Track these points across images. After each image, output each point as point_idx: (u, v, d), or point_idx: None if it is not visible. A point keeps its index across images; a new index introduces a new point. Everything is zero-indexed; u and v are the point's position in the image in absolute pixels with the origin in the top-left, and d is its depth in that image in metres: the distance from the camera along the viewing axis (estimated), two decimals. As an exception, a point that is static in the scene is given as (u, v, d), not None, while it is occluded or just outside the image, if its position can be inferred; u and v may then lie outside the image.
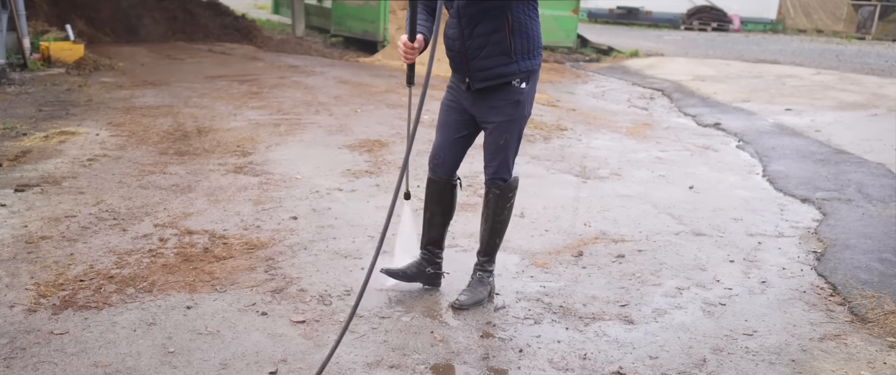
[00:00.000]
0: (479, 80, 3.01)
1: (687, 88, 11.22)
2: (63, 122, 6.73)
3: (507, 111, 3.06)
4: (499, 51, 2.95)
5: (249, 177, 5.15)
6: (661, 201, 4.97)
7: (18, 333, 2.86)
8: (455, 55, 3.05)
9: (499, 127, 3.08)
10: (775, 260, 3.97)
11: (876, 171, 6.00)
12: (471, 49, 2.97)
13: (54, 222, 4.09)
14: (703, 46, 18.89)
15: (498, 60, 2.96)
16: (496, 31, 2.92)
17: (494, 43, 2.94)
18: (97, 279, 3.38)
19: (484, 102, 3.07)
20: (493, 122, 3.08)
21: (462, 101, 3.14)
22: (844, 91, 10.94)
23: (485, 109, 3.08)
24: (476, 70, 2.99)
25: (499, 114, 3.06)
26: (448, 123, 3.19)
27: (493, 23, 2.91)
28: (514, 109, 3.07)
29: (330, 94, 9.02)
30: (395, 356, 2.81)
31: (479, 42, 2.95)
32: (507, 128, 3.09)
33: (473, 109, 3.12)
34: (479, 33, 2.94)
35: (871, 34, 24.57)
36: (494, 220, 3.24)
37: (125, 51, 13.01)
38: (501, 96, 3.05)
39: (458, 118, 3.17)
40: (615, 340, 3.00)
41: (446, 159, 3.21)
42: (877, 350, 2.97)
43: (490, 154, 3.15)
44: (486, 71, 2.98)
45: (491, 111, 3.07)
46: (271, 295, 3.29)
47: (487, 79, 2.99)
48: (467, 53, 2.98)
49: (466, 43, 2.97)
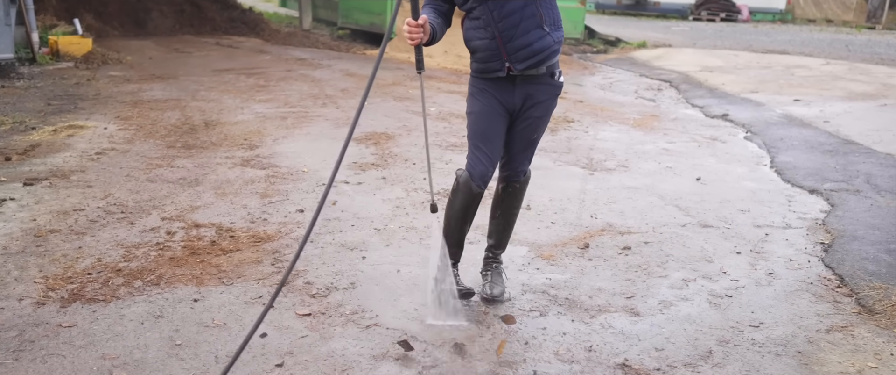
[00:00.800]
0: (520, 60, 2.90)
1: (695, 79, 11.16)
2: (71, 116, 6.76)
3: (547, 105, 3.06)
4: (534, 24, 2.88)
5: (256, 170, 5.16)
6: (668, 193, 4.96)
7: (27, 326, 2.89)
8: (488, 44, 2.91)
9: (537, 122, 3.07)
10: (782, 252, 3.96)
11: (885, 162, 5.96)
12: (506, 29, 2.87)
13: (63, 216, 4.11)
14: (711, 37, 18.79)
15: (535, 35, 2.89)
16: (527, 4, 2.86)
17: (528, 17, 2.86)
18: (105, 273, 3.40)
19: (527, 93, 2.99)
20: (533, 116, 3.04)
21: (503, 101, 2.99)
22: (854, 81, 10.86)
23: (529, 104, 3.01)
24: (515, 50, 2.88)
25: (540, 108, 3.04)
26: (493, 133, 3.02)
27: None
28: (553, 102, 3.08)
29: (337, 86, 9.02)
30: (400, 349, 2.82)
31: (514, 20, 2.86)
32: (543, 122, 3.09)
33: (517, 101, 2.99)
34: (510, 10, 2.85)
35: (882, 24, 24.37)
36: (513, 213, 3.26)
37: (133, 45, 13.04)
38: (544, 90, 3.02)
39: (501, 124, 3.04)
40: (621, 332, 3.00)
41: (492, 171, 3.09)
42: (884, 342, 2.96)
43: (522, 149, 3.11)
44: (526, 48, 2.88)
45: (535, 106, 3.02)
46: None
47: (528, 57, 2.90)
48: (503, 36, 2.88)
49: (499, 24, 2.87)
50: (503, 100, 3.01)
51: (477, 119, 3.03)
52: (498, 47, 2.90)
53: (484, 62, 2.97)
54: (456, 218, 3.15)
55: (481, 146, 3.02)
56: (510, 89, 2.99)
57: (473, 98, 3.05)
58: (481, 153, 3.03)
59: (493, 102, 3.00)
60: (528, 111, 3.03)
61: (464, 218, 3.16)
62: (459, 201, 3.10)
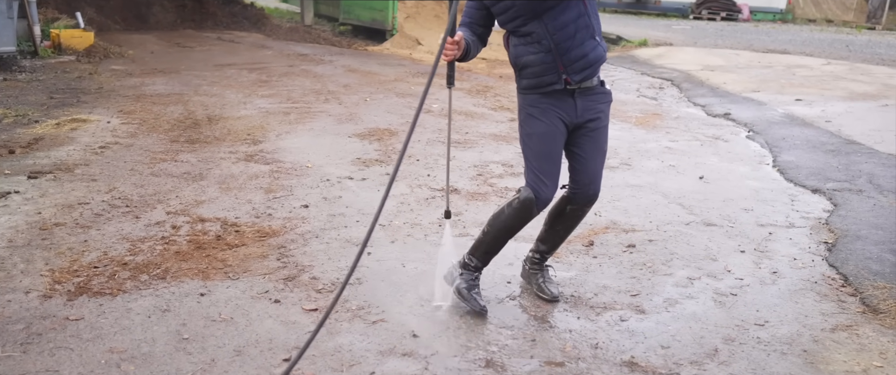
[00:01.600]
0: (577, 71, 2.86)
1: (696, 77, 11.17)
2: (74, 109, 6.76)
3: (607, 113, 3.04)
4: (588, 35, 2.87)
5: (260, 165, 5.17)
6: (672, 191, 4.97)
7: (34, 319, 2.89)
8: (543, 58, 2.85)
9: (604, 131, 3.04)
10: (786, 251, 3.97)
11: (887, 162, 5.97)
12: (562, 42, 2.82)
13: (68, 209, 4.12)
14: (712, 36, 18.79)
15: (590, 45, 2.87)
16: (581, 15, 2.84)
17: (582, 27, 2.85)
18: (111, 266, 3.40)
19: (585, 106, 2.95)
20: (599, 127, 3.00)
21: (564, 118, 2.93)
22: (855, 81, 10.87)
23: (590, 115, 2.97)
24: (572, 61, 2.84)
25: (603, 118, 3.01)
26: (557, 154, 2.97)
27: (574, 9, 2.82)
28: (609, 110, 3.07)
29: (339, 82, 9.02)
30: (407, 344, 2.83)
31: (570, 30, 2.82)
32: (607, 131, 3.07)
33: (577, 117, 2.95)
34: (565, 22, 2.81)
35: (882, 24, 24.37)
36: (574, 228, 3.27)
37: (135, 39, 13.04)
38: (599, 98, 2.99)
39: (562, 143, 2.98)
40: (627, 329, 3.01)
41: (555, 193, 3.05)
42: (889, 341, 2.97)
43: (595, 165, 3.04)
44: (583, 58, 2.85)
45: (597, 116, 2.99)
46: (284, 283, 3.31)
47: (585, 67, 2.86)
48: (559, 48, 2.83)
49: (554, 38, 2.82)
50: (564, 116, 2.94)
51: (541, 140, 2.93)
52: (554, 60, 2.85)
53: (538, 77, 2.89)
54: (504, 232, 3.07)
55: (548, 168, 2.94)
56: (571, 103, 2.93)
57: (533, 118, 2.95)
58: (548, 176, 2.94)
59: (556, 121, 2.93)
60: (592, 123, 2.98)
61: (511, 235, 3.10)
62: (515, 219, 3.01)
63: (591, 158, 3.02)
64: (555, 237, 3.29)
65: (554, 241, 3.31)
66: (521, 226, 3.04)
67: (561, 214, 3.20)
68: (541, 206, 2.97)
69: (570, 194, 3.12)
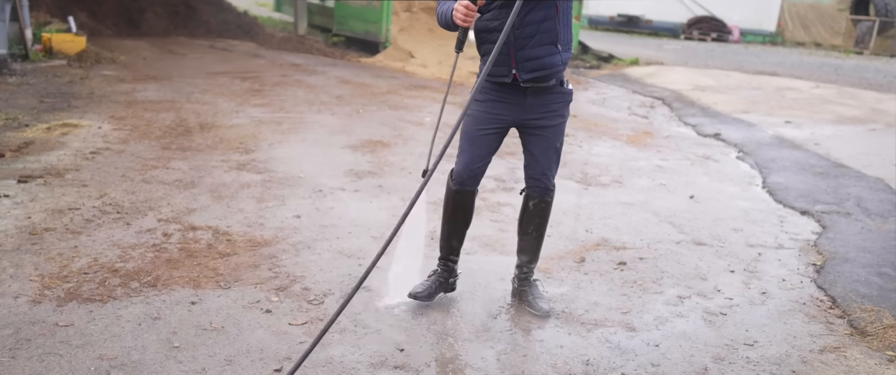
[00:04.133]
0: (527, 70, 2.94)
1: (687, 97, 11.25)
2: (65, 114, 6.73)
3: (562, 112, 3.10)
4: (549, 40, 2.92)
5: (252, 174, 5.16)
6: (662, 210, 5.00)
7: (23, 324, 2.87)
8: (502, 46, 2.89)
9: (555, 129, 3.09)
10: (775, 271, 3.99)
11: (874, 185, 6.03)
12: (520, 38, 2.90)
13: (58, 214, 4.09)
14: (702, 56, 18.94)
15: (546, 50, 2.93)
16: (547, 20, 2.90)
17: (545, 31, 2.90)
18: (101, 273, 3.38)
19: (537, 103, 3.03)
20: (549, 125, 3.07)
21: (506, 110, 3.05)
22: (843, 105, 10.99)
23: (539, 113, 3.04)
24: (524, 60, 2.93)
25: (555, 116, 3.07)
26: (483, 138, 3.09)
27: (543, 11, 2.88)
28: (566, 109, 3.12)
29: (332, 93, 9.03)
30: (399, 357, 2.82)
31: (531, 30, 2.89)
32: (561, 130, 3.12)
33: (523, 114, 3.04)
34: (530, 21, 2.88)
35: (870, 49, 24.65)
36: (545, 228, 3.30)
37: (126, 44, 13.00)
38: (555, 98, 3.06)
39: (495, 130, 3.09)
40: (617, 346, 3.02)
41: (479, 173, 3.15)
42: (876, 364, 3.00)
43: (546, 160, 3.12)
44: (536, 60, 2.92)
45: (547, 114, 3.05)
46: (275, 293, 3.31)
47: (536, 69, 2.94)
48: (516, 43, 2.90)
49: (516, 32, 2.89)
50: (508, 111, 3.04)
51: (469, 122, 3.10)
52: (509, 53, 2.93)
53: (493, 65, 2.92)
54: (445, 217, 3.30)
55: (465, 147, 3.11)
56: (519, 99, 3.02)
57: (474, 101, 3.08)
58: (462, 154, 3.12)
59: (493, 109, 3.06)
60: (544, 120, 3.06)
61: (451, 219, 3.26)
62: (446, 199, 3.27)
63: (542, 153, 3.12)
64: (530, 242, 3.31)
65: (531, 247, 3.32)
66: (455, 207, 3.22)
67: (526, 212, 3.26)
68: (456, 179, 3.16)
69: (526, 188, 3.24)
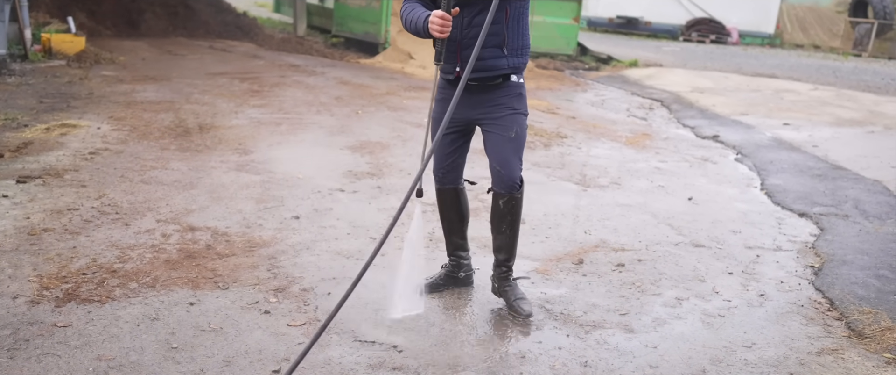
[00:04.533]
0: (470, 70, 2.96)
1: (686, 99, 11.27)
2: (64, 114, 6.73)
3: (512, 104, 3.10)
4: (494, 43, 2.98)
5: (251, 175, 5.16)
6: (661, 212, 5.00)
7: (22, 324, 2.87)
8: (450, 46, 3.00)
9: (506, 120, 3.10)
10: (773, 274, 4.00)
11: (873, 188, 6.04)
12: (466, 38, 2.97)
13: (57, 215, 4.09)
14: (701, 58, 18.97)
15: (491, 52, 2.99)
16: (495, 23, 2.94)
17: (491, 34, 2.94)
18: (100, 273, 3.38)
19: (483, 99, 3.09)
20: (498, 116, 3.09)
21: (456, 110, 3.05)
22: (841, 107, 11.01)
23: (487, 107, 3.09)
24: (467, 59, 2.91)
25: (503, 108, 3.09)
26: (444, 137, 3.18)
27: (492, 15, 2.92)
28: (518, 101, 3.12)
29: (331, 94, 9.03)
30: (397, 358, 2.83)
31: (475, 32, 2.92)
32: (514, 120, 3.11)
33: (471, 111, 3.11)
34: (477, 23, 2.94)
35: (868, 51, 24.70)
36: (517, 225, 3.26)
37: (126, 45, 13.00)
38: (502, 92, 3.09)
39: (453, 130, 3.18)
40: (616, 348, 3.02)
41: (451, 170, 3.24)
42: (874, 366, 3.00)
43: (502, 153, 3.11)
44: (479, 61, 2.95)
45: (495, 108, 3.09)
46: (274, 294, 3.31)
47: (478, 69, 2.96)
48: (462, 43, 2.99)
49: (464, 31, 2.97)
50: (458, 110, 2.99)
51: (434, 123, 3.16)
52: (455, 51, 3.01)
53: (443, 62, 3.03)
54: (442, 214, 3.42)
55: (434, 148, 3.08)
56: (467, 96, 3.00)
57: (436, 102, 3.18)
58: (435, 152, 3.15)
59: (447, 108, 3.01)
60: (495, 112, 3.10)
61: (445, 218, 3.38)
62: (438, 199, 3.39)
63: (496, 144, 3.13)
64: (504, 239, 3.28)
65: (507, 245, 3.29)
66: (442, 205, 3.35)
67: (497, 210, 3.23)
68: (444, 181, 3.29)
69: (492, 185, 3.22)
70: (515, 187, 3.16)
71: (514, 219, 3.24)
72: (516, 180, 3.15)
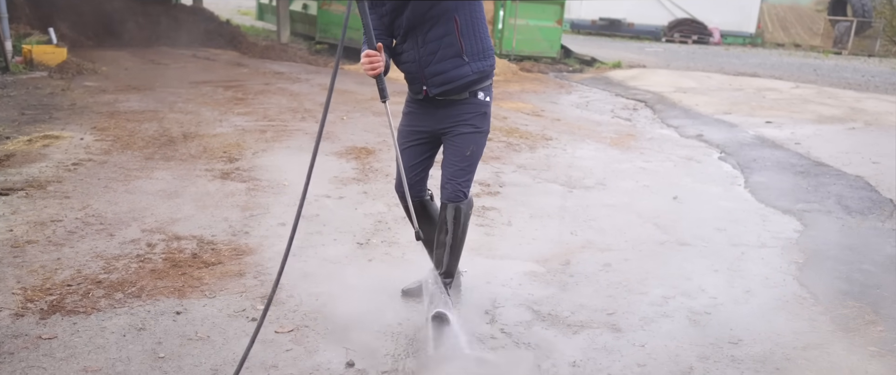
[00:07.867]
0: (435, 85, 3.06)
1: (669, 99, 11.34)
2: (46, 126, 6.68)
3: (474, 123, 3.14)
4: (452, 53, 3.02)
5: (237, 183, 5.14)
6: (646, 211, 5.03)
7: (6, 337, 2.84)
8: (411, 66, 3.09)
9: (466, 138, 3.14)
10: (758, 270, 4.03)
11: (854, 183, 6.10)
12: (425, 55, 3.04)
13: (40, 227, 4.06)
14: (684, 59, 19.10)
15: (452, 63, 3.03)
16: (447, 35, 3.00)
17: (447, 46, 3.01)
18: (85, 284, 3.36)
19: (449, 114, 3.13)
20: (460, 132, 3.13)
21: (422, 121, 3.20)
22: (823, 105, 11.11)
23: (451, 122, 3.14)
24: (431, 75, 3.05)
25: (466, 125, 3.14)
26: (409, 150, 3.24)
27: (442, 27, 2.99)
28: (481, 120, 3.16)
29: (315, 101, 9.02)
30: (387, 362, 2.83)
31: (432, 47, 3.01)
32: (474, 139, 3.15)
33: (437, 124, 3.17)
34: (431, 39, 3.01)
35: (848, 49, 24.97)
36: (458, 238, 3.22)
37: (108, 55, 12.92)
38: (468, 109, 3.13)
39: (420, 142, 3.24)
40: (604, 347, 3.04)
41: (414, 183, 3.27)
42: (858, 360, 3.03)
43: (454, 168, 3.16)
44: (442, 75, 3.03)
45: (458, 124, 3.13)
46: (261, 301, 3.30)
47: (444, 83, 3.05)
48: (422, 60, 3.05)
49: (421, 50, 3.03)
50: (424, 122, 3.20)
51: (400, 134, 3.27)
52: (418, 71, 3.08)
53: (409, 83, 3.18)
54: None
55: (401, 160, 3.14)
56: (432, 111, 3.16)
57: (403, 115, 3.30)
58: (401, 167, 3.14)
59: (414, 122, 3.24)
60: (456, 129, 3.14)
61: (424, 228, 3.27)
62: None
63: (452, 158, 3.19)
64: (440, 253, 3.23)
65: (439, 258, 3.23)
66: (419, 220, 3.22)
67: (441, 220, 3.22)
68: (399, 190, 3.28)
69: (440, 194, 3.27)
70: (460, 199, 3.19)
71: (455, 231, 3.20)
72: (461, 193, 3.18)
